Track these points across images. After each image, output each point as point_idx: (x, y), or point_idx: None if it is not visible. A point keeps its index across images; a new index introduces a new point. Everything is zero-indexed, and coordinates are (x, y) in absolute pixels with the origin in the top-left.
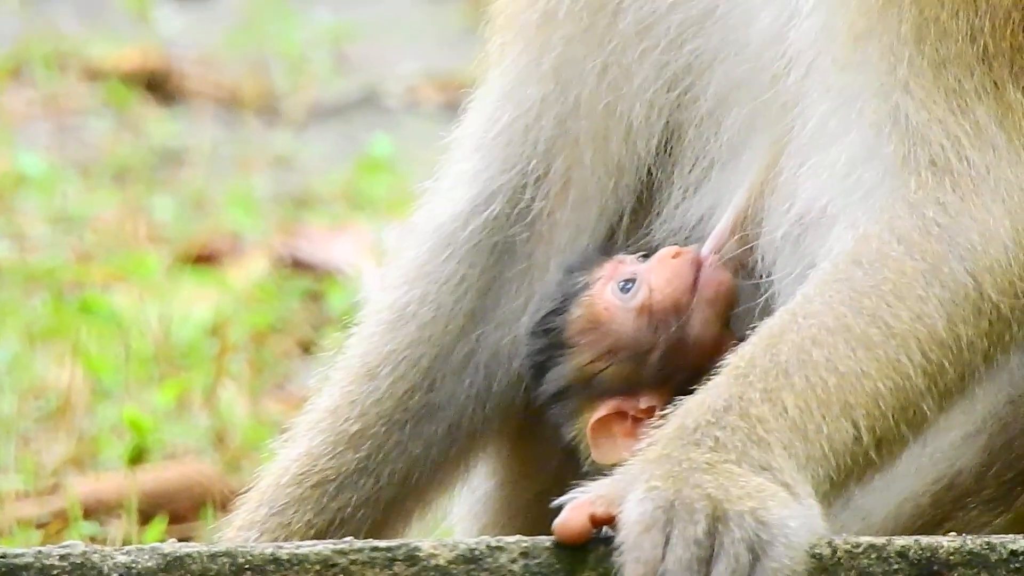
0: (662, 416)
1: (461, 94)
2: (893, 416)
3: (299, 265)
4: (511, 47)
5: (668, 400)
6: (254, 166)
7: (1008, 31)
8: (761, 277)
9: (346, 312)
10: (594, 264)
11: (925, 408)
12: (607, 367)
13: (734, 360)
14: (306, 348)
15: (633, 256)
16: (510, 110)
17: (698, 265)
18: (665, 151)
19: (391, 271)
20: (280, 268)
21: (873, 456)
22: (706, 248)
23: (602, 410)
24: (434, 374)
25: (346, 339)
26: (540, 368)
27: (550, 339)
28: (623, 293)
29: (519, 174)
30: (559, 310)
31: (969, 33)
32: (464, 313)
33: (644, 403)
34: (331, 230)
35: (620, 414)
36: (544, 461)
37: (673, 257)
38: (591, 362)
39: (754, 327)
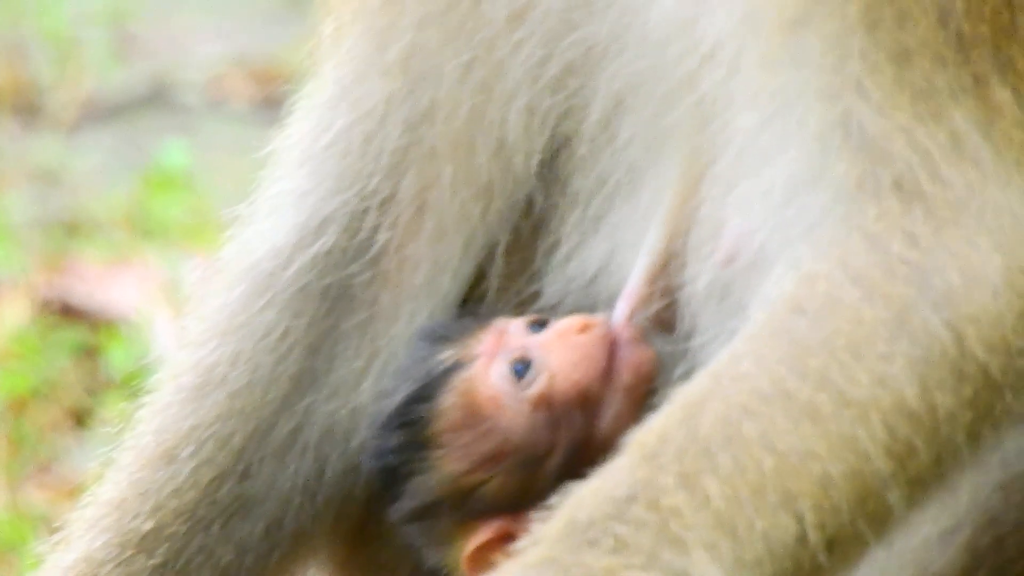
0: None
1: (282, 89)
2: (848, 509)
3: (69, 311)
4: (349, 30)
5: None
6: (8, 181)
7: (987, 8)
8: (680, 340)
9: (132, 374)
10: (467, 331)
11: (890, 499)
12: (490, 478)
13: (640, 436)
14: (80, 420)
15: (520, 322)
16: (346, 112)
17: (612, 342)
18: (551, 172)
19: (193, 322)
20: (44, 315)
21: (822, 560)
22: (618, 313)
23: (482, 534)
24: (249, 457)
25: (134, 410)
26: (394, 475)
27: (409, 436)
28: (515, 377)
29: (358, 196)
30: (422, 396)
31: (937, 14)
32: (288, 377)
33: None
34: (111, 265)
35: (505, 537)
36: (392, 569)
37: (579, 332)
38: (469, 471)
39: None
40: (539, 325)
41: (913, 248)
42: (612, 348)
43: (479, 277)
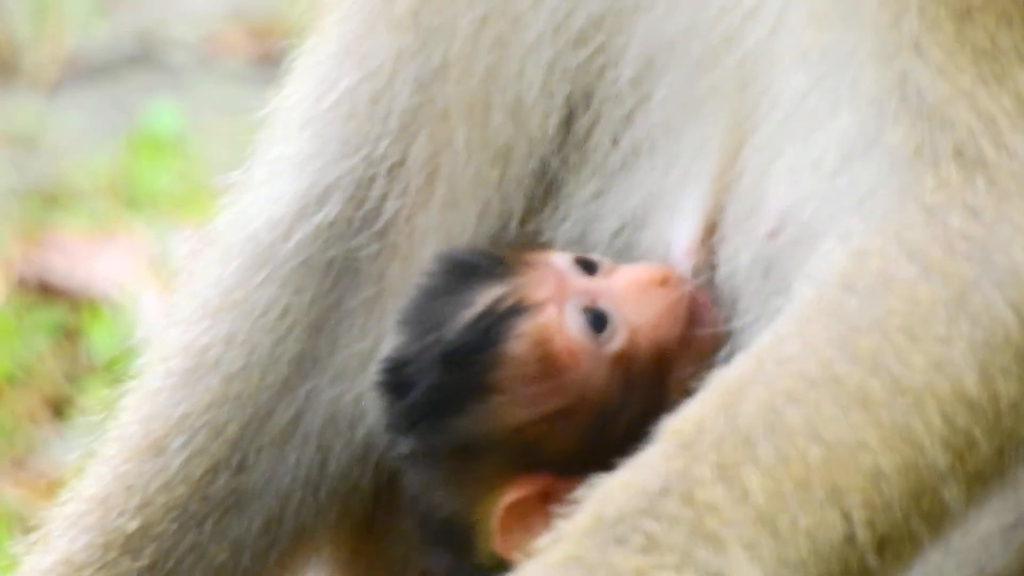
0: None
1: (280, 45)
2: (901, 506)
3: (48, 289)
4: None
5: None
6: None
7: None
8: (720, 319)
9: (116, 358)
10: (509, 267)
11: (946, 495)
12: (554, 433)
13: (675, 423)
14: (58, 408)
15: (567, 260)
16: (351, 70)
17: (692, 300)
18: (568, 132)
19: (183, 300)
20: (20, 293)
21: (872, 561)
22: (679, 266)
23: (524, 488)
24: (245, 447)
25: (119, 397)
26: (431, 408)
27: (463, 377)
28: (594, 330)
29: (364, 161)
30: (483, 340)
31: None
32: (287, 359)
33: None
34: (93, 238)
35: (548, 496)
36: (399, 568)
37: (660, 285)
38: (534, 423)
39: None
40: (585, 265)
41: (974, 222)
42: (692, 307)
43: None
